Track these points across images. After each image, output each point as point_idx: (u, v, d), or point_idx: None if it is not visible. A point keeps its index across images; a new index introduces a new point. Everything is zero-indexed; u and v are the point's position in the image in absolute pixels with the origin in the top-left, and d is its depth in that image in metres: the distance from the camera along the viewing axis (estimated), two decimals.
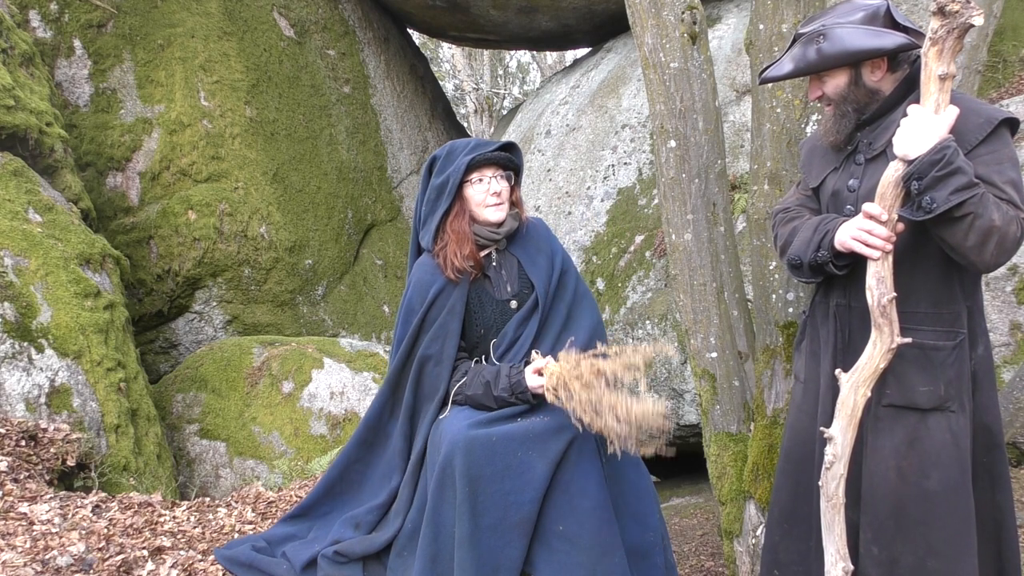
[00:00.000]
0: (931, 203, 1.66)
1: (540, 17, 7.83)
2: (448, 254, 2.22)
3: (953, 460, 1.83)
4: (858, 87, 1.90)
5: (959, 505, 1.82)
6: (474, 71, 17.54)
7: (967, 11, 1.57)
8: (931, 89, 1.68)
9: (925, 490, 1.83)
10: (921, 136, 1.68)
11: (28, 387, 3.72)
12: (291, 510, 2.52)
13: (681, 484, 5.67)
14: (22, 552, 2.73)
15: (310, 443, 4.77)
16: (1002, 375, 4.18)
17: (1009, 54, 4.96)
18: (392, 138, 8.09)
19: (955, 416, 1.84)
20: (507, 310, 2.26)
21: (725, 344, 2.68)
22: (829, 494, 1.80)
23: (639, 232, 5.81)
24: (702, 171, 2.66)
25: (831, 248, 1.86)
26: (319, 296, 6.73)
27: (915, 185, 1.68)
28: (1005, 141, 1.81)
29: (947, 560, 1.82)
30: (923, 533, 1.83)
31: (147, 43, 6.33)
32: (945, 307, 1.85)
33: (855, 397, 1.78)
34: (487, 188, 2.22)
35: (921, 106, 1.70)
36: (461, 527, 2.02)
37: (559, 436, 2.07)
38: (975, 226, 1.66)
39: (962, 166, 1.66)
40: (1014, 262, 4.26)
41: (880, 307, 1.75)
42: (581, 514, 2.02)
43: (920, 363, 1.82)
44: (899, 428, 1.85)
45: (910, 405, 1.84)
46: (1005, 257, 1.72)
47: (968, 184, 1.65)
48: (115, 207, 6.12)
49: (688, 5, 2.64)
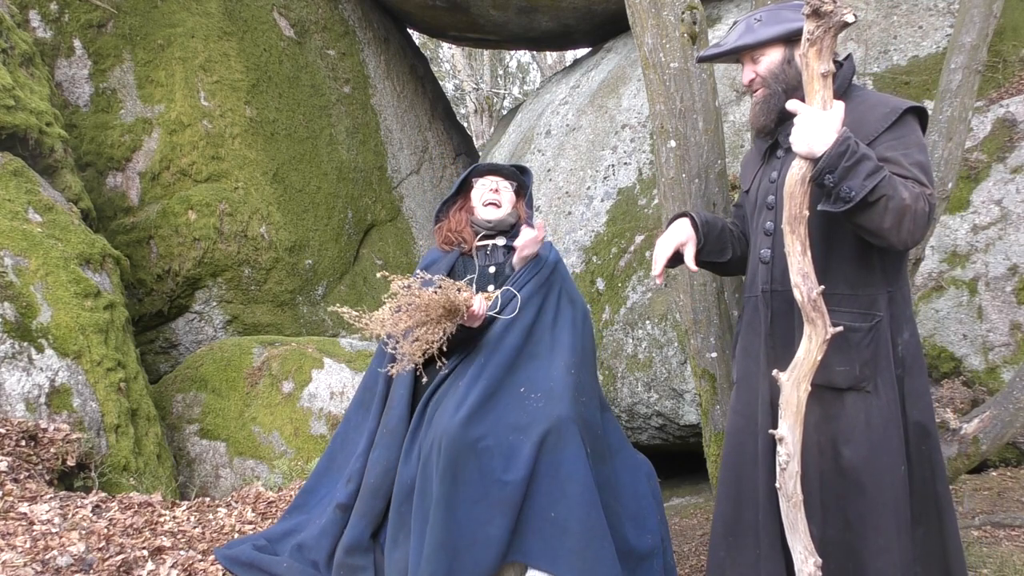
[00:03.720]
0: (849, 191, 1.72)
1: (540, 17, 7.83)
2: (444, 230, 2.67)
3: (864, 438, 1.88)
4: (790, 66, 2.00)
5: (871, 482, 1.86)
6: (474, 71, 17.53)
7: (839, 11, 1.64)
8: (816, 87, 1.75)
9: (840, 466, 1.89)
10: (820, 132, 1.74)
11: (28, 387, 3.72)
12: (293, 501, 2.54)
13: (681, 484, 5.67)
14: (22, 552, 2.73)
15: (310, 443, 4.77)
16: (1002, 375, 4.18)
17: (1009, 54, 4.96)
18: (392, 138, 8.09)
19: (871, 397, 1.89)
20: (486, 274, 2.56)
21: (725, 344, 2.68)
22: (788, 493, 1.82)
23: (639, 232, 5.81)
24: (702, 171, 2.66)
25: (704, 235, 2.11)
26: (319, 296, 6.73)
27: (829, 179, 1.74)
28: (911, 128, 1.89)
29: (861, 535, 1.86)
30: (841, 507, 1.89)
31: (147, 43, 6.33)
32: (861, 289, 1.91)
33: (798, 394, 1.81)
34: (487, 186, 2.62)
35: (808, 104, 1.77)
36: (441, 487, 2.05)
37: (542, 420, 2.12)
38: (890, 208, 1.73)
39: (866, 152, 1.74)
40: (1014, 262, 4.26)
41: (811, 301, 1.79)
42: (571, 499, 2.06)
43: (837, 344, 1.87)
44: (817, 406, 1.90)
45: (827, 384, 1.90)
46: (920, 233, 1.79)
47: (876, 168, 1.73)
48: (115, 207, 6.12)
49: (688, 5, 2.64)
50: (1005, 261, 4.29)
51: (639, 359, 5.33)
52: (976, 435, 2.99)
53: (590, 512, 2.05)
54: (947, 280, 4.43)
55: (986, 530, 3.34)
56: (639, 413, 5.40)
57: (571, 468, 2.08)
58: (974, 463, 3.05)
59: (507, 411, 2.16)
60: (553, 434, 2.10)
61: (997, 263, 4.31)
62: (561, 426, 2.11)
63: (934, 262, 4.48)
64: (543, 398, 2.17)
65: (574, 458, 2.09)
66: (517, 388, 2.21)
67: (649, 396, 5.28)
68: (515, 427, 2.13)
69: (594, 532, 2.04)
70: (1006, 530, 3.32)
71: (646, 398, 5.30)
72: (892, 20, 5.54)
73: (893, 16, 5.55)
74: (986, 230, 4.40)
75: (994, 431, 2.99)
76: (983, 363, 4.25)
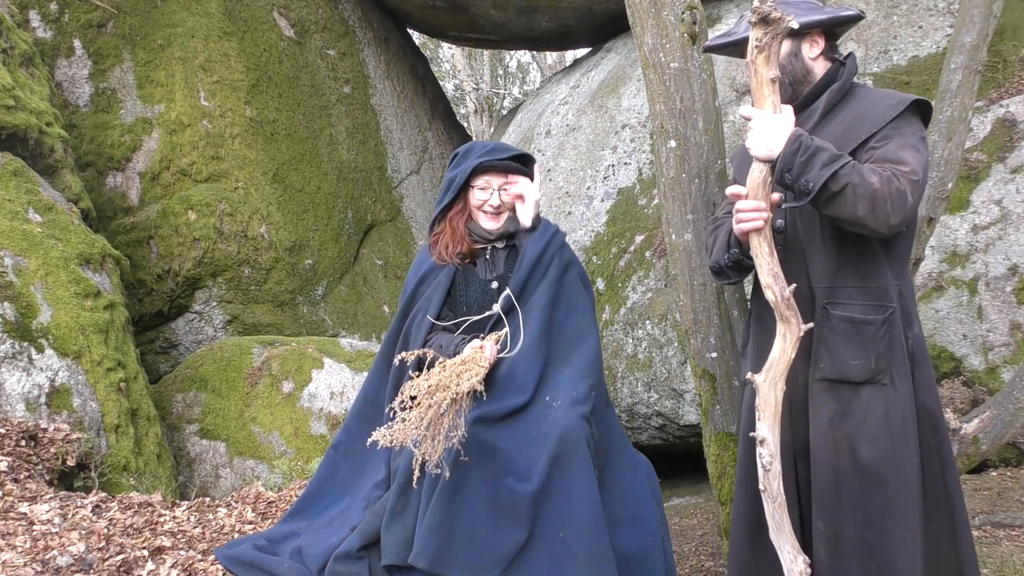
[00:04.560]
0: (807, 183, 1.76)
1: (540, 17, 7.83)
2: (440, 245, 2.41)
3: (884, 432, 1.86)
4: (797, 59, 2.02)
5: (893, 477, 1.85)
6: (474, 71, 17.53)
7: (784, 18, 1.69)
8: (765, 92, 1.79)
9: (859, 462, 1.87)
10: (774, 135, 1.78)
11: (28, 387, 3.72)
12: (294, 504, 2.51)
13: (681, 484, 5.68)
14: (22, 552, 2.73)
15: (310, 443, 4.77)
16: (1002, 375, 4.18)
17: (1009, 54, 4.96)
18: (392, 138, 8.09)
19: (887, 389, 1.88)
20: (488, 290, 2.37)
21: (725, 344, 2.68)
22: (773, 494, 1.82)
23: (639, 232, 5.81)
24: (702, 171, 2.66)
25: (737, 243, 1.99)
26: (319, 296, 6.73)
27: (788, 177, 1.78)
28: (911, 121, 1.91)
29: (884, 533, 1.84)
30: (860, 506, 1.87)
31: (147, 43, 6.33)
32: (872, 281, 1.91)
33: (775, 393, 1.81)
34: (487, 198, 2.38)
35: (759, 109, 1.80)
36: (451, 471, 1.99)
37: (556, 430, 2.06)
38: (859, 194, 1.74)
39: (820, 144, 1.77)
40: (1014, 262, 4.26)
41: (784, 300, 1.80)
42: (581, 523, 2.00)
43: (851, 337, 1.88)
44: (832, 401, 1.90)
45: (842, 378, 1.89)
46: (900, 215, 1.79)
47: (833, 157, 1.76)
48: (115, 207, 6.12)
49: (688, 5, 2.64)
50: (1005, 261, 4.29)
51: (639, 359, 5.33)
52: (976, 435, 2.99)
53: (599, 537, 2.00)
54: (947, 280, 4.43)
55: (986, 530, 3.34)
56: (639, 413, 5.40)
57: (583, 490, 2.02)
58: (974, 463, 3.05)
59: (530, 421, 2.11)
60: (568, 454, 2.03)
61: (997, 263, 4.31)
62: (575, 444, 2.05)
63: (934, 262, 4.48)
64: (562, 408, 2.11)
65: (586, 480, 2.03)
66: (543, 398, 2.16)
67: (649, 396, 5.28)
68: (533, 436, 2.07)
69: (601, 558, 1.99)
70: (1006, 530, 3.32)
71: (646, 398, 5.30)
72: (892, 20, 5.54)
73: (893, 16, 5.55)
74: (986, 230, 4.40)
75: (994, 431, 2.99)
76: (983, 363, 4.25)
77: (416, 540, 2.00)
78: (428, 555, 1.97)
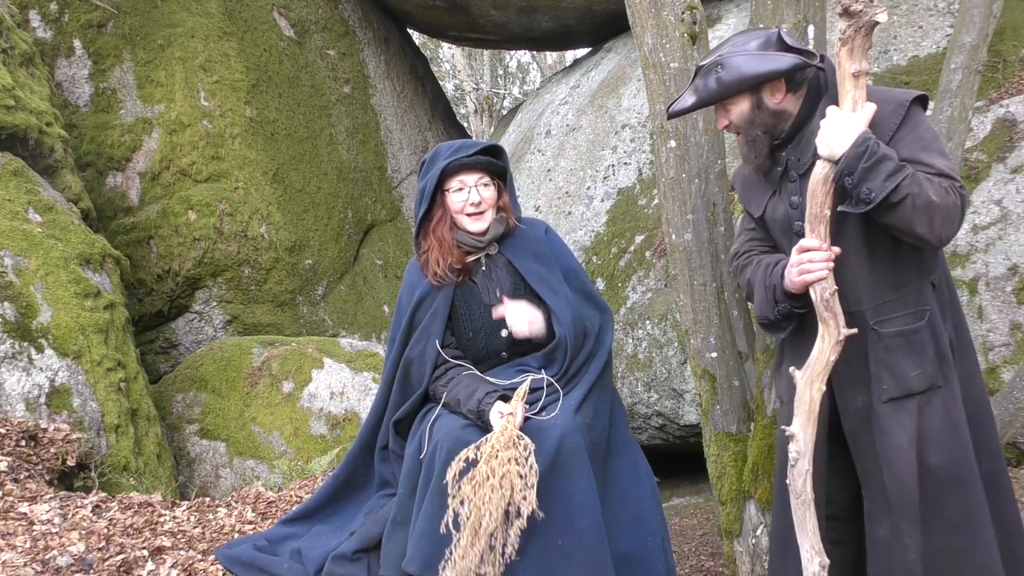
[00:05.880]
0: (869, 193, 1.73)
1: (540, 17, 7.83)
2: (431, 261, 2.26)
3: (949, 433, 1.87)
4: (761, 111, 1.96)
5: (964, 477, 1.86)
6: (474, 71, 17.53)
7: (871, 9, 1.65)
8: (847, 87, 1.76)
9: (930, 469, 1.86)
10: (841, 134, 1.75)
11: (28, 387, 3.72)
12: (293, 511, 2.50)
13: (681, 484, 5.67)
14: (22, 552, 2.73)
15: (310, 443, 4.77)
16: (1002, 375, 4.18)
17: (1009, 54, 4.96)
18: (392, 138, 8.09)
19: (943, 390, 1.89)
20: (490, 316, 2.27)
21: (725, 344, 2.68)
22: (797, 491, 1.82)
23: (639, 232, 5.81)
24: (702, 171, 2.66)
25: (785, 296, 1.93)
26: (319, 296, 6.73)
27: (848, 180, 1.75)
28: (920, 118, 1.89)
29: (969, 535, 1.85)
30: (939, 513, 1.86)
31: (147, 43, 6.33)
32: (905, 288, 1.91)
33: (811, 392, 1.81)
34: (466, 198, 2.23)
35: (839, 105, 1.77)
36: (438, 479, 1.97)
37: (551, 440, 2.01)
38: (917, 206, 1.72)
39: (886, 152, 1.74)
40: (1014, 262, 4.26)
41: (824, 301, 1.79)
42: (580, 532, 1.97)
43: (905, 350, 1.87)
44: (907, 418, 1.88)
45: (908, 393, 1.88)
46: (953, 228, 1.79)
47: (897, 168, 1.72)
48: (115, 207, 6.12)
49: (688, 5, 2.64)
50: (1005, 261, 4.29)
51: (639, 359, 5.33)
52: None
53: (598, 548, 1.98)
54: None
55: None
56: (639, 413, 5.40)
57: (583, 499, 1.99)
58: None
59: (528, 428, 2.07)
60: (567, 462, 2.00)
61: (997, 263, 4.31)
62: (574, 452, 2.01)
63: None
64: (561, 415, 2.08)
65: (585, 488, 2.00)
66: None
67: (649, 396, 5.28)
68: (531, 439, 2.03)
69: (599, 568, 1.96)
70: None
71: (646, 398, 5.30)
72: (892, 20, 5.54)
73: (893, 16, 5.55)
74: (986, 230, 4.40)
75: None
76: (983, 363, 4.25)
77: (408, 545, 1.99)
78: (419, 560, 1.95)
